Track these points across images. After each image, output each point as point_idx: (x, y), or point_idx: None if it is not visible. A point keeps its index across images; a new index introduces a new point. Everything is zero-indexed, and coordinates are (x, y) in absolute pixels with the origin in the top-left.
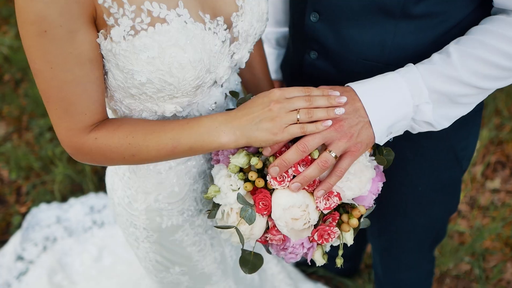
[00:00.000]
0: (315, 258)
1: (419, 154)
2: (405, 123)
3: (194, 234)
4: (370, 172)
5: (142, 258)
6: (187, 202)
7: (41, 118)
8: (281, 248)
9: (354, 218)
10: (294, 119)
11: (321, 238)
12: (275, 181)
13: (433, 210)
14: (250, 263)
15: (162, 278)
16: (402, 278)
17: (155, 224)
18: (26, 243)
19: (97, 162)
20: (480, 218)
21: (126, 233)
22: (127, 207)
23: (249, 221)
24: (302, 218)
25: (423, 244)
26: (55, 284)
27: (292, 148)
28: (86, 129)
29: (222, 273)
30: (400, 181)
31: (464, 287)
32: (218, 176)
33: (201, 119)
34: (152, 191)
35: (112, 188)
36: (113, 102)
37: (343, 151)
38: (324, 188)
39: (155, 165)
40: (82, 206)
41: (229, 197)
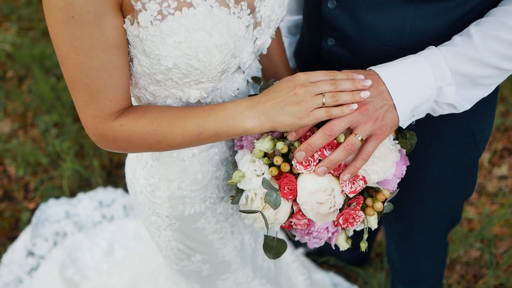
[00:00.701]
0: (339, 243)
1: (438, 138)
2: (428, 105)
3: (216, 222)
4: (394, 156)
5: (164, 246)
6: (210, 190)
7: (46, 114)
8: (305, 233)
9: (379, 201)
10: (319, 103)
11: (346, 222)
12: (301, 166)
13: (450, 194)
14: (274, 248)
15: (183, 266)
16: (418, 264)
17: (178, 212)
18: (36, 239)
19: (122, 149)
20: (488, 205)
21: (147, 222)
22: (149, 195)
23: (274, 206)
24: (327, 202)
25: (439, 229)
26: (67, 279)
27: (318, 132)
28: (111, 115)
29: (241, 261)
30: (418, 166)
31: (474, 274)
32: (242, 162)
33: (225, 104)
34: (175, 178)
35: (134, 177)
36: (137, 89)
37: (368, 134)
38: (350, 171)
39: (179, 152)
40: (91, 201)
41: (253, 182)
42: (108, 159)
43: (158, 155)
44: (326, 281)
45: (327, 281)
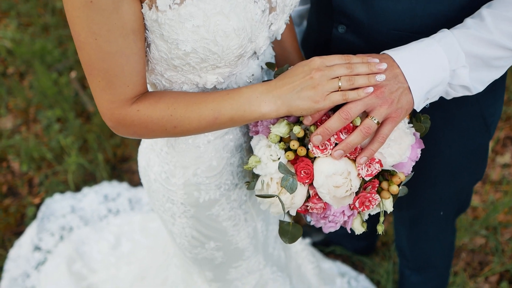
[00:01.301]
0: (354, 227)
1: (449, 122)
2: (442, 88)
3: (230, 209)
4: (409, 139)
5: (178, 234)
6: (224, 176)
7: (48, 109)
8: (321, 217)
9: (395, 184)
10: (335, 87)
11: (362, 205)
12: (318, 150)
13: (461, 178)
14: (290, 233)
15: (196, 254)
16: (428, 250)
17: (193, 198)
18: (43, 234)
19: (138, 135)
20: (492, 193)
21: (161, 209)
22: (164, 183)
23: (290, 190)
24: (344, 185)
25: (449, 214)
26: (75, 272)
27: (335, 115)
28: (128, 101)
29: (254, 249)
30: (430, 151)
31: (480, 261)
32: (258, 147)
33: (241, 89)
34: (190, 165)
35: (148, 164)
36: (153, 75)
37: (384, 117)
38: (367, 154)
39: (194, 139)
40: (96, 195)
41: (269, 167)
42: (112, 153)
43: (173, 142)
44: (334, 270)
45: (334, 270)
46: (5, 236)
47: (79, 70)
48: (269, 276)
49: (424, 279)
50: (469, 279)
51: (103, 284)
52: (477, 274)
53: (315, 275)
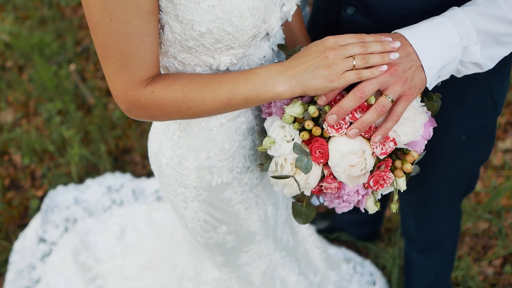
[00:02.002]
0: (368, 206)
1: (458, 101)
2: (453, 66)
3: (242, 192)
4: (422, 117)
5: (190, 218)
6: (237, 159)
7: (48, 102)
8: (335, 197)
9: (408, 163)
10: (350, 65)
11: (377, 184)
12: (333, 129)
13: (469, 158)
14: (303, 214)
15: (208, 238)
16: (435, 232)
17: (206, 182)
18: (47, 226)
19: (152, 117)
20: (495, 178)
21: (173, 194)
22: (176, 167)
23: (305, 170)
24: (359, 164)
25: (456, 195)
26: (81, 263)
27: (349, 94)
28: (142, 82)
29: (265, 232)
30: (439, 131)
31: (484, 245)
32: (272, 128)
33: (255, 70)
34: (203, 148)
35: (159, 149)
36: (166, 58)
37: (398, 95)
38: (381, 132)
39: (207, 122)
40: (99, 187)
41: (283, 148)
42: (114, 145)
43: (186, 125)
44: (340, 255)
45: (340, 256)
46: (9, 229)
47: (78, 63)
48: (278, 260)
49: (431, 262)
50: (473, 263)
51: (110, 274)
52: (481, 258)
53: (322, 260)
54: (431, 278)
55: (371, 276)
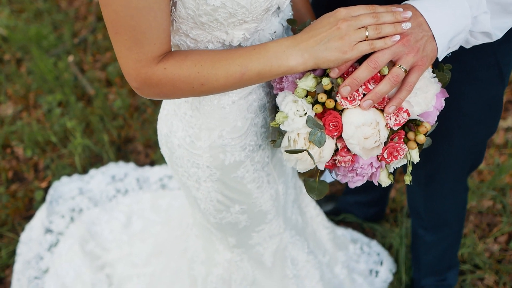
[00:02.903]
0: (381, 179)
1: (466, 74)
2: (463, 36)
3: (254, 171)
4: (435, 87)
5: (203, 199)
6: (249, 137)
7: (48, 94)
8: (349, 170)
9: (421, 134)
10: (363, 36)
11: (391, 156)
12: (346, 101)
13: (477, 132)
14: (317, 189)
15: (221, 219)
16: (443, 208)
17: (219, 161)
18: (53, 216)
19: (165, 94)
20: (497, 156)
21: (185, 175)
22: (189, 147)
23: (318, 144)
24: (372, 136)
25: (463, 170)
26: (88, 252)
27: (363, 65)
28: (154, 59)
29: (276, 211)
30: (447, 105)
31: (488, 222)
32: (284, 103)
33: (267, 44)
34: (216, 127)
35: (170, 131)
36: (177, 36)
37: (411, 66)
38: (395, 103)
39: (219, 100)
40: (104, 176)
41: (296, 122)
42: (117, 134)
43: (198, 104)
44: (346, 236)
45: (347, 236)
46: (15, 221)
47: (76, 54)
48: (288, 240)
49: (439, 238)
50: (479, 240)
51: (118, 262)
52: (486, 236)
53: (330, 241)
54: (439, 254)
55: (378, 256)
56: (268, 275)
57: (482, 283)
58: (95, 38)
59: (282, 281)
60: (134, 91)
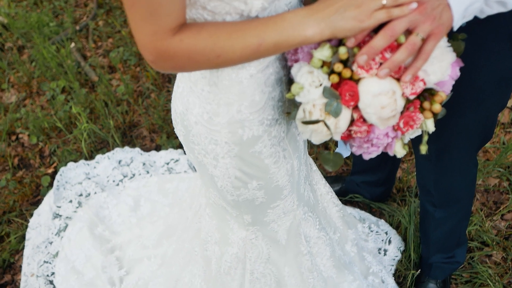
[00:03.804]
0: (396, 150)
1: (479, 47)
2: (478, 5)
3: (271, 146)
4: (450, 56)
5: (221, 176)
6: (266, 111)
7: (51, 81)
8: (364, 141)
9: (437, 103)
10: (379, 4)
11: (407, 125)
12: (363, 70)
13: (488, 106)
14: (331, 161)
15: (238, 195)
16: (453, 184)
17: (237, 136)
18: (60, 201)
19: (180, 67)
20: (503, 135)
21: (202, 153)
22: (206, 124)
23: (335, 114)
24: (389, 105)
25: (473, 144)
26: (97, 235)
27: (380, 34)
28: (170, 31)
29: (291, 187)
30: (459, 78)
31: (495, 200)
32: (300, 74)
33: (283, 14)
34: (234, 101)
35: (187, 108)
36: (194, 10)
37: (427, 34)
38: (412, 72)
39: (237, 74)
40: (110, 161)
41: (312, 93)
42: (122, 119)
43: (215, 79)
44: (355, 215)
45: (356, 215)
46: (22, 207)
47: (77, 41)
48: (301, 216)
49: (449, 214)
50: (486, 218)
51: (127, 244)
52: (493, 213)
53: (339, 218)
54: (449, 231)
55: (386, 234)
56: (282, 252)
57: (490, 259)
58: (96, 24)
59: (296, 258)
60: (150, 64)
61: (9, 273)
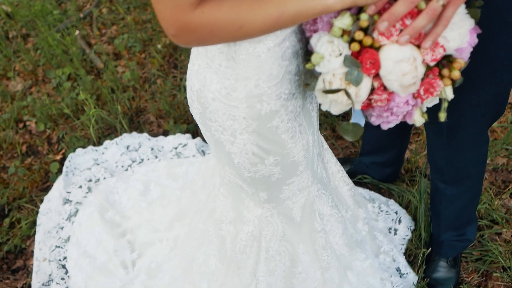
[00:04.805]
0: (415, 118)
1: (493, 18)
2: None
3: (287, 120)
4: (469, 22)
5: (238, 152)
6: (284, 85)
7: (57, 68)
8: (384, 109)
9: (456, 70)
10: None
11: (427, 92)
12: (383, 37)
13: (502, 78)
14: (351, 131)
15: (255, 172)
16: (464, 161)
17: (255, 111)
18: (70, 187)
19: (201, 41)
20: (510, 114)
21: (219, 130)
22: (224, 99)
23: (355, 83)
24: (410, 72)
25: (486, 119)
26: (108, 220)
27: (400, 0)
28: (192, 4)
29: (306, 163)
30: (475, 49)
31: (503, 179)
32: (320, 44)
33: None
34: (252, 75)
35: (204, 85)
36: None
37: (447, 0)
38: (432, 38)
39: (254, 48)
40: (118, 147)
41: (332, 63)
42: (129, 105)
43: (233, 54)
44: (365, 195)
45: (365, 195)
46: (32, 193)
47: (82, 29)
48: (315, 193)
49: (460, 192)
50: (495, 196)
51: (138, 228)
52: (502, 192)
53: (350, 197)
54: (459, 209)
55: (396, 214)
56: (297, 229)
57: (500, 237)
58: (100, 12)
59: (310, 235)
60: (171, 38)
61: (21, 258)
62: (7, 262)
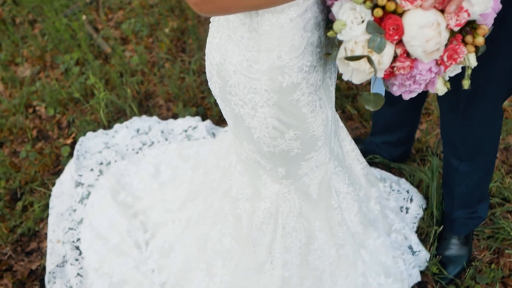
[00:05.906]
0: (438, 88)
1: None
2: None
3: (308, 94)
4: None
5: (258, 127)
6: (306, 57)
7: (64, 54)
8: (407, 77)
9: (480, 36)
10: None
11: (450, 59)
12: (407, 2)
13: None
14: (372, 101)
15: (275, 146)
16: (478, 137)
17: (277, 83)
18: (81, 170)
19: (224, 8)
20: None
21: (239, 104)
22: (245, 72)
23: (378, 49)
24: (434, 38)
25: (501, 93)
26: (120, 202)
27: None
28: None
29: (325, 138)
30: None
31: None
32: (342, 11)
33: None
34: (275, 47)
35: (225, 58)
36: None
37: None
38: (456, 2)
39: (277, 18)
40: (128, 130)
41: (354, 30)
42: (138, 89)
43: (256, 25)
44: (377, 174)
45: (377, 175)
46: (44, 177)
47: (89, 14)
48: (332, 170)
49: (474, 168)
50: (506, 175)
51: (151, 209)
52: None
53: (363, 176)
54: (473, 185)
55: (407, 193)
56: (313, 206)
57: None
58: None
59: (327, 212)
60: (193, 8)
61: (35, 240)
62: (21, 245)
